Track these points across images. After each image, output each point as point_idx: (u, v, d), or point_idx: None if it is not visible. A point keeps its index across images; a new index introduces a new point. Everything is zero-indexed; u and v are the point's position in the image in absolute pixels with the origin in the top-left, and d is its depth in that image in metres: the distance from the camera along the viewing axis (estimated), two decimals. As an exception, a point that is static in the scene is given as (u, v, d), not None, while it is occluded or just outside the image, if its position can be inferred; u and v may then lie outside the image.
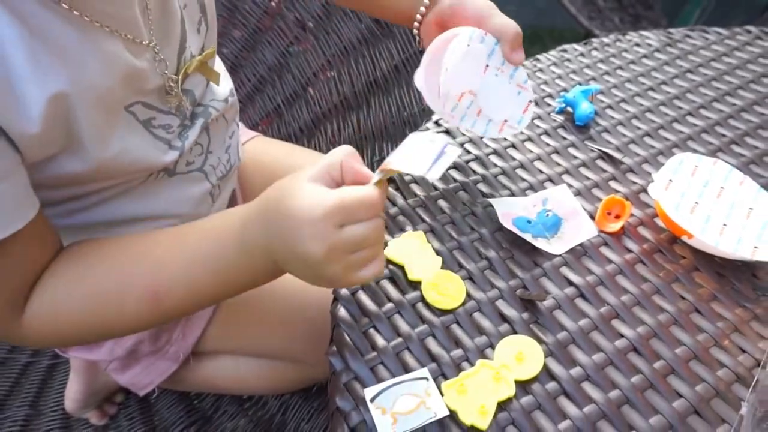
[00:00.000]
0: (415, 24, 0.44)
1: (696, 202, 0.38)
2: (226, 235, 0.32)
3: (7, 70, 0.27)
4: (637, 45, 0.59)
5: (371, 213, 0.29)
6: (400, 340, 0.35)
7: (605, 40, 0.60)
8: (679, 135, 0.49)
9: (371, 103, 0.67)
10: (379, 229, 0.30)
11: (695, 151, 0.47)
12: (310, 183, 0.30)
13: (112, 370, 0.51)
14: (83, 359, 0.55)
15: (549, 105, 0.52)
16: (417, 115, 0.62)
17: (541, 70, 0.56)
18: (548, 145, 0.48)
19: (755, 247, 0.36)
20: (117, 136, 0.33)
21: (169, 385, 0.54)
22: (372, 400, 0.32)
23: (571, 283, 0.38)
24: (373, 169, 0.31)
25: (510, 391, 0.32)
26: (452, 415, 0.32)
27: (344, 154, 0.31)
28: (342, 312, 0.37)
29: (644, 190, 0.44)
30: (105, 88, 0.32)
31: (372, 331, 0.36)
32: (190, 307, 0.35)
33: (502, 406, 0.32)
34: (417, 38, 0.45)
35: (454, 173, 0.45)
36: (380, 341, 0.35)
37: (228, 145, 0.46)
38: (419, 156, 0.32)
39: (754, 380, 0.31)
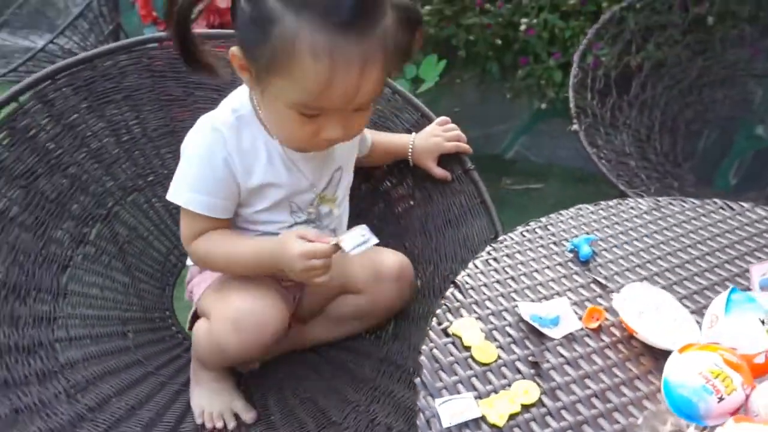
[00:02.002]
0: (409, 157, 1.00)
1: (641, 312, 0.63)
2: (266, 250, 0.82)
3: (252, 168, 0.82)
4: (632, 208, 0.87)
5: (324, 255, 0.77)
6: (456, 377, 0.61)
7: (610, 203, 0.88)
8: (638, 276, 0.74)
9: (446, 235, 0.97)
10: (327, 264, 0.77)
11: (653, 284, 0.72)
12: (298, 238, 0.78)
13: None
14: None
15: (564, 246, 0.79)
16: (476, 242, 0.92)
17: (561, 221, 0.84)
18: (560, 272, 0.75)
19: (674, 342, 0.60)
20: (265, 206, 0.87)
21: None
22: (439, 405, 0.58)
23: (562, 355, 0.63)
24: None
25: (517, 409, 0.57)
26: (483, 418, 0.57)
27: (315, 231, 0.83)
28: (423, 359, 0.63)
29: (618, 305, 0.69)
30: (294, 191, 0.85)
31: (440, 372, 0.62)
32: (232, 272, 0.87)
33: (511, 416, 0.57)
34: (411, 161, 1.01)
35: (498, 286, 0.72)
36: (445, 378, 0.61)
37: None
38: (353, 240, 0.74)
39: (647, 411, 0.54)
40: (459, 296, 0.71)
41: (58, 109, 0.93)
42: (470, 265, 0.77)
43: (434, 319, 0.69)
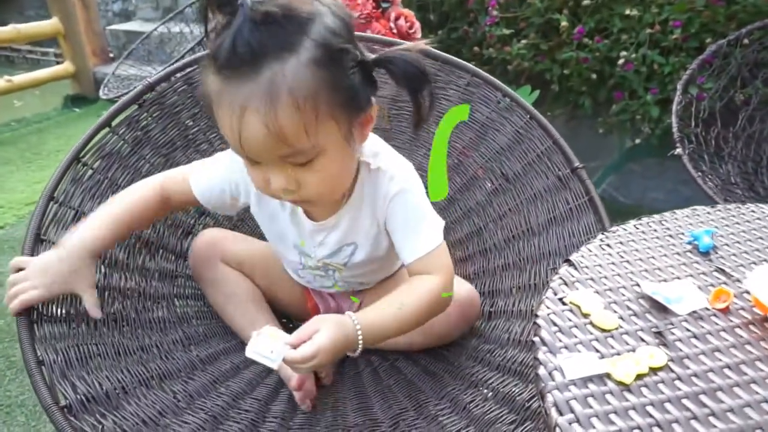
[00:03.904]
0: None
1: (776, 292, 0.61)
2: None
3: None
4: (753, 211, 0.84)
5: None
6: (576, 339, 0.61)
7: (728, 206, 0.86)
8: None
9: (550, 231, 0.98)
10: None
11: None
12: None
13: None
14: None
15: (681, 238, 0.78)
16: (582, 239, 0.91)
17: (677, 218, 0.83)
18: (678, 260, 0.73)
19: (815, 322, 0.57)
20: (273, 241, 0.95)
21: None
22: (562, 360, 0.57)
23: (688, 330, 0.61)
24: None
25: (645, 370, 0.56)
26: (608, 375, 0.56)
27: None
28: (540, 321, 0.64)
29: (746, 291, 0.66)
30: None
31: (559, 333, 0.62)
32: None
33: (639, 376, 0.55)
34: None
35: (613, 266, 0.72)
36: (564, 339, 0.61)
37: None
38: (258, 348, 0.69)
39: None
40: (574, 272, 0.71)
41: (199, 91, 1.04)
42: (582, 248, 0.77)
43: (549, 290, 0.69)
